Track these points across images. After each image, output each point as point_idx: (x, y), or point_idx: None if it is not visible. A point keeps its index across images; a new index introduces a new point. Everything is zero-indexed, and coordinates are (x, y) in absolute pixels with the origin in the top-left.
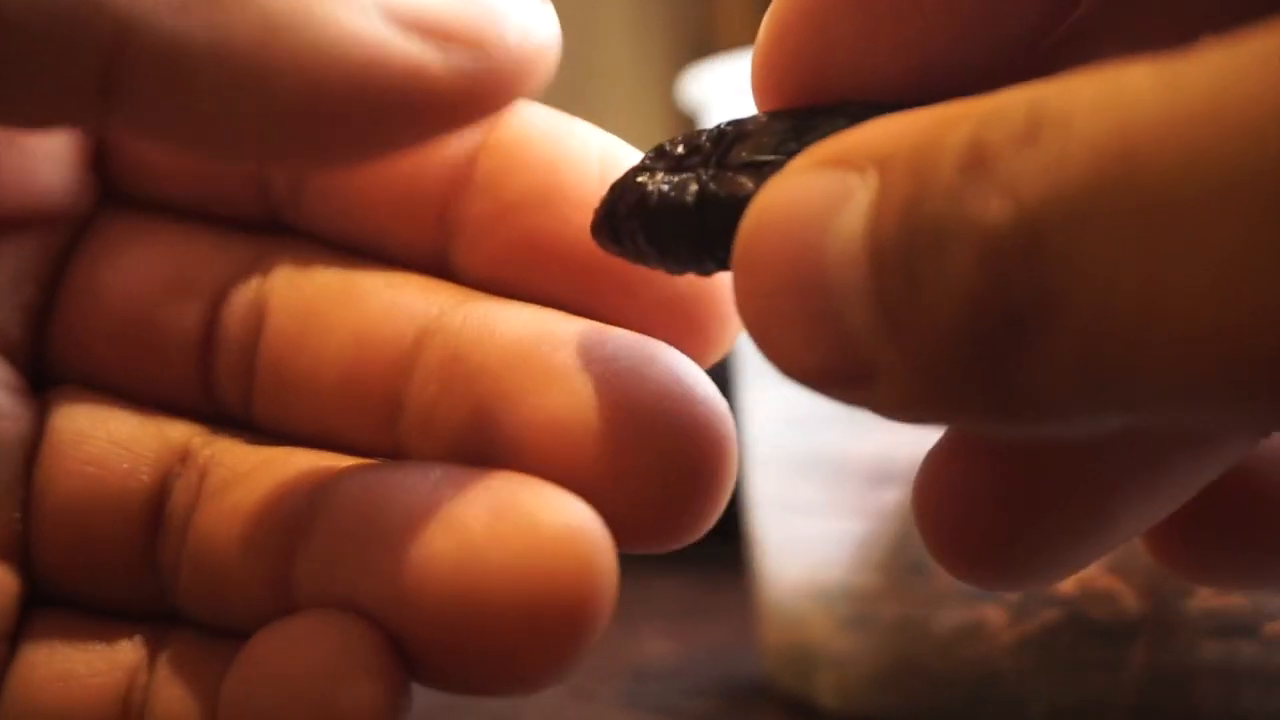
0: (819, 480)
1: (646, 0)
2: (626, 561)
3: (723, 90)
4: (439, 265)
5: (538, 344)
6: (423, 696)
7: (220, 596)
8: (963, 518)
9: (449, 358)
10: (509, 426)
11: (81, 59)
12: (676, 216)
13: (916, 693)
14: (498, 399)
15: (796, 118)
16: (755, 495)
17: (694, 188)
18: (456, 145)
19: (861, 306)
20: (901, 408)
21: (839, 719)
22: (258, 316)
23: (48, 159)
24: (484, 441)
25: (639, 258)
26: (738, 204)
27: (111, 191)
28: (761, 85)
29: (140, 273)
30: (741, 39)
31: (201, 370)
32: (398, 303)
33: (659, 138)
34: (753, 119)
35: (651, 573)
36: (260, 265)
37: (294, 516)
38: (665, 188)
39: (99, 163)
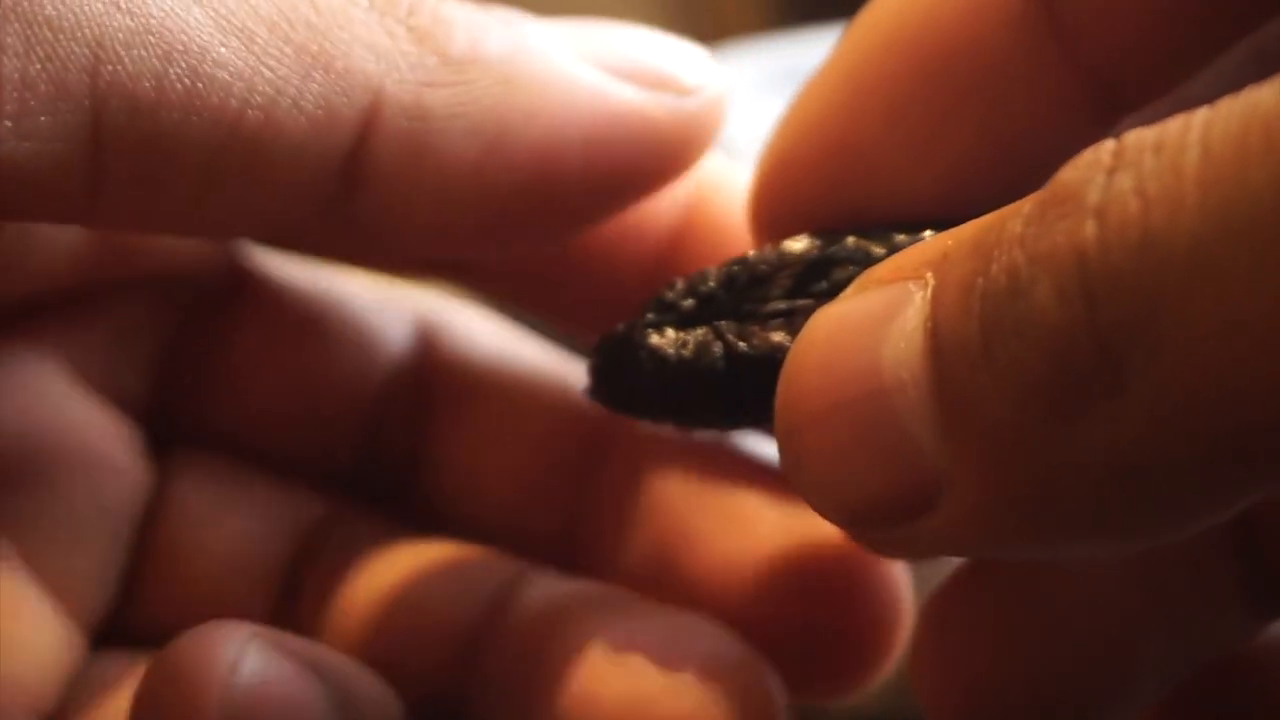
0: None
1: None
2: None
3: (731, 82)
4: None
5: (720, 482)
6: None
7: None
8: (972, 692)
9: (629, 481)
10: (688, 566)
11: (334, 132)
12: (704, 381)
13: None
14: (679, 535)
15: (811, 254)
16: None
17: (719, 349)
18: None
19: (924, 407)
20: (969, 528)
21: None
22: (427, 396)
23: None
24: (662, 574)
25: (653, 419)
26: (774, 362)
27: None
28: (765, 209)
29: (314, 336)
30: (749, 29)
31: (367, 442)
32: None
33: None
34: (760, 258)
35: None
36: (430, 335)
37: (465, 625)
38: (685, 351)
39: None
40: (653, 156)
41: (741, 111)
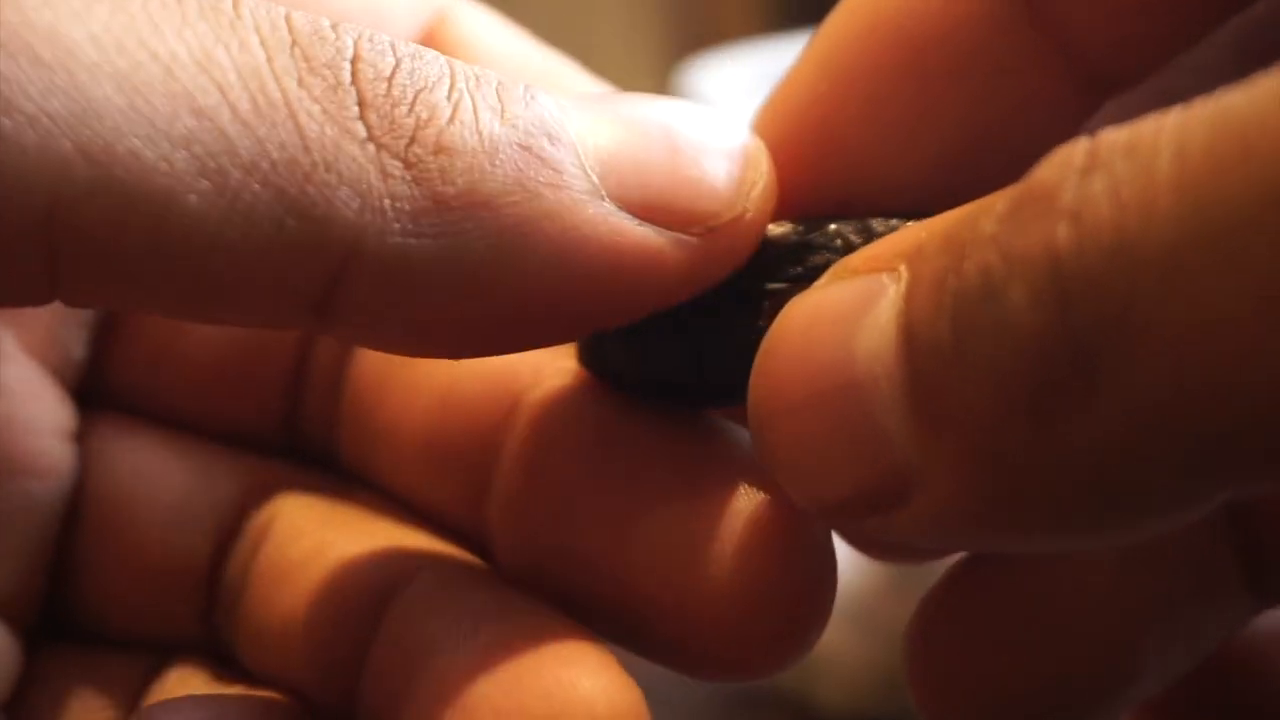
0: None
1: None
2: None
3: (721, 85)
4: None
5: (623, 431)
6: None
7: (278, 664)
8: (969, 693)
9: (538, 436)
10: (590, 533)
11: (305, 278)
12: (669, 350)
13: None
14: (576, 499)
15: (789, 239)
16: None
17: (686, 320)
18: None
19: (896, 402)
20: (942, 520)
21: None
22: (346, 355)
23: None
24: (564, 543)
25: (632, 392)
26: (735, 337)
27: None
28: None
29: None
30: (741, 31)
31: (288, 406)
32: (492, 362)
33: None
34: None
35: None
36: None
37: (354, 626)
38: (653, 320)
39: None
40: (660, 292)
41: (739, 112)
